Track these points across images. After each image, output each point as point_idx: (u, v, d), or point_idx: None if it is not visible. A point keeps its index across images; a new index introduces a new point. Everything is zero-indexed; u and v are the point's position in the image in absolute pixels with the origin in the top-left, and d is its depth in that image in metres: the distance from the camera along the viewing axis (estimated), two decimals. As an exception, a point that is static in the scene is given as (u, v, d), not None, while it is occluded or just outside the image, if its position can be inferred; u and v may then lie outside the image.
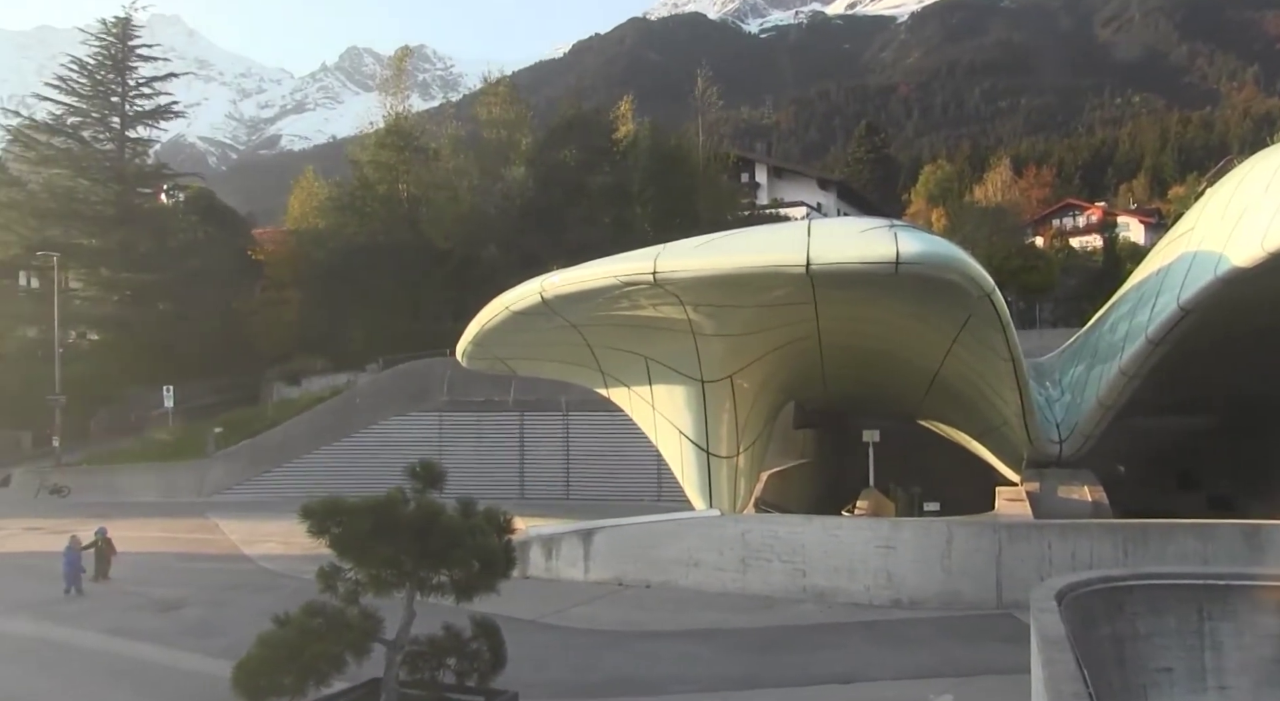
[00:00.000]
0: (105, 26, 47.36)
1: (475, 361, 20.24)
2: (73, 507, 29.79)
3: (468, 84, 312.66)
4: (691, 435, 18.26)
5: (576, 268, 16.32)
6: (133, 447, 37.92)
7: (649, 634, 13.99)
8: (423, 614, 8.33)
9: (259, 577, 19.10)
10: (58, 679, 12.32)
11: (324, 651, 7.77)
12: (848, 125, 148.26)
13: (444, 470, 8.48)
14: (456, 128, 54.42)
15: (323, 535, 8.08)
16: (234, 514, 28.05)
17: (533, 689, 9.74)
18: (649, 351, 18.06)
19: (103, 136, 47.16)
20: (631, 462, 28.60)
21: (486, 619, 8.61)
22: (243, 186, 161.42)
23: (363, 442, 32.55)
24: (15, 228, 43.30)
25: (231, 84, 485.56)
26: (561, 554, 17.68)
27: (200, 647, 13.33)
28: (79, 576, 17.69)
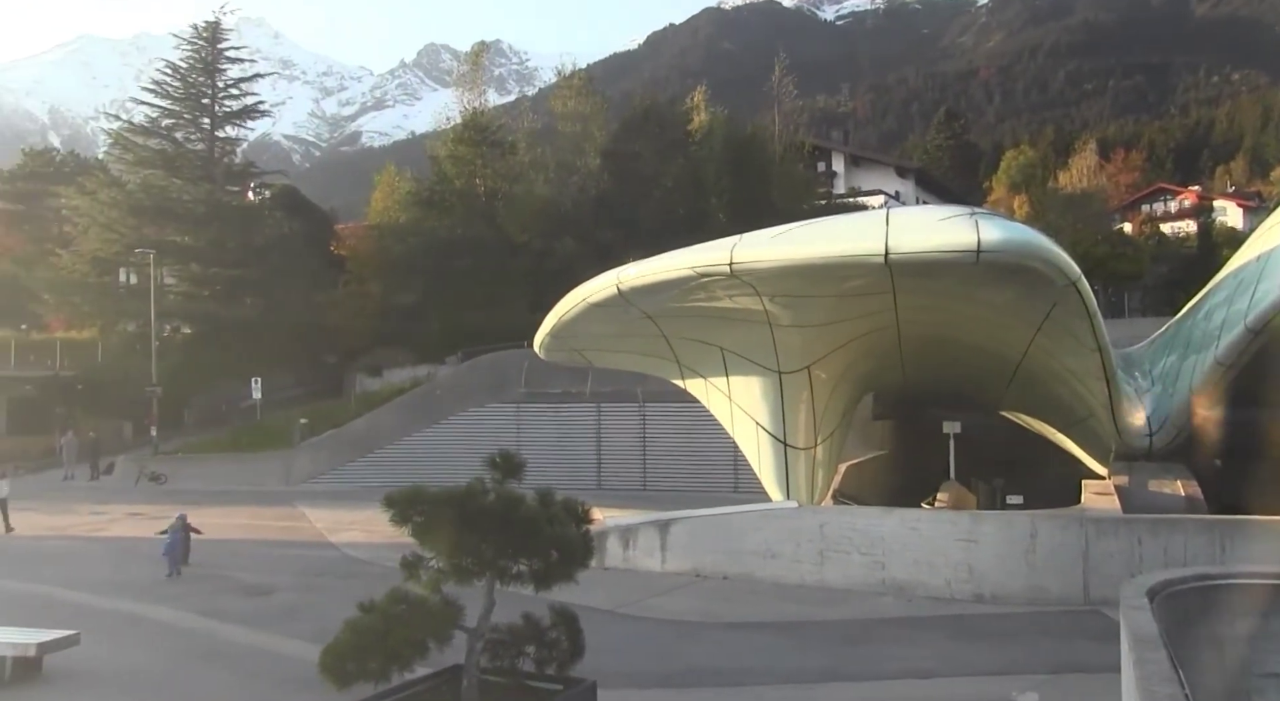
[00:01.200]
0: (196, 31, 48.81)
1: (552, 353, 20.42)
2: (170, 494, 30.90)
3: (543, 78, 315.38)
4: (768, 426, 18.16)
5: (652, 259, 16.34)
6: (223, 437, 39.18)
7: (727, 625, 13.98)
8: (502, 603, 8.43)
9: (344, 565, 19.59)
10: (159, 656, 12.83)
11: (408, 637, 7.92)
12: (926, 112, 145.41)
13: (523, 461, 8.57)
14: (532, 121, 54.96)
15: (405, 524, 8.22)
16: (319, 502, 28.79)
17: (611, 678, 9.80)
18: (725, 342, 18.00)
19: (194, 137, 48.67)
20: (708, 454, 28.55)
21: (565, 608, 8.67)
22: (325, 183, 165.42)
23: (442, 433, 33.08)
24: (116, 227, 44.99)
25: (314, 83, 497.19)
26: (638, 544, 17.75)
27: (289, 631, 13.73)
28: (179, 559, 18.38)
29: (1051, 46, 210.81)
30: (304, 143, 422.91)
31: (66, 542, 23.14)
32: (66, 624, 12.68)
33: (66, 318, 46.97)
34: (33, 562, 20.43)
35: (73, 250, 46.72)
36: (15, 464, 37.46)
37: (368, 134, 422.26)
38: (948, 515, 17.68)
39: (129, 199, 46.06)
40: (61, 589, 17.34)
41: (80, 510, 27.85)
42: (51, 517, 24.38)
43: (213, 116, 48.56)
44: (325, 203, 60.58)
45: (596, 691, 8.82)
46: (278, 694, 10.99)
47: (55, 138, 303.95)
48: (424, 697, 8.33)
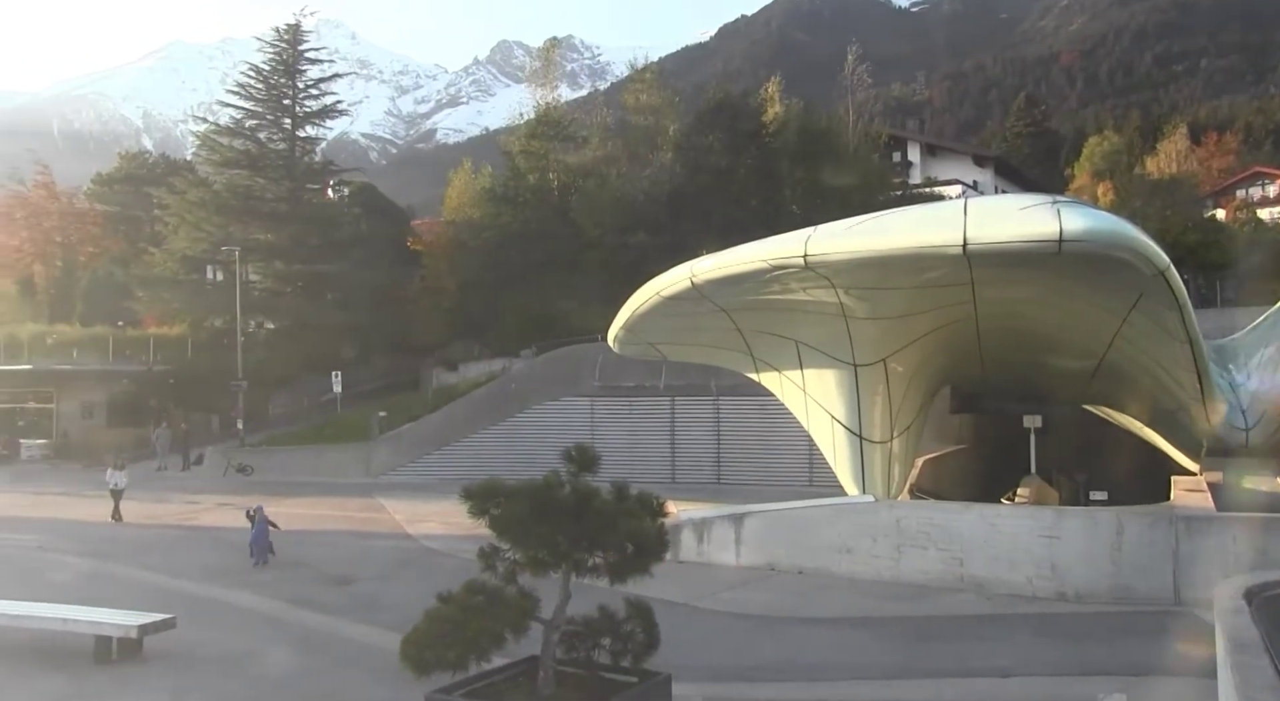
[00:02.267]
0: (278, 34, 50.05)
1: (626, 347, 20.49)
2: (256, 485, 31.83)
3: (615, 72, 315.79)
4: (844, 420, 17.98)
5: (726, 252, 16.28)
6: (306, 430, 40.21)
7: (802, 620, 13.90)
8: (578, 595, 8.51)
9: (422, 556, 19.97)
10: (248, 641, 13.25)
11: (485, 628, 8.06)
12: (1005, 98, 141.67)
13: (598, 454, 8.63)
14: (605, 116, 55.11)
15: (482, 516, 8.36)
16: (397, 494, 29.35)
17: (686, 671, 9.82)
18: (800, 335, 17.86)
19: (276, 137, 49.94)
20: (783, 447, 28.37)
21: (640, 601, 8.72)
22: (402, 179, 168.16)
23: (517, 427, 33.46)
24: (204, 225, 46.45)
25: (390, 82, 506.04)
26: (713, 538, 17.74)
27: (371, 620, 14.05)
28: (265, 549, 18.95)
29: (1139, 27, 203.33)
30: (381, 141, 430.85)
31: (162, 531, 24.00)
32: (164, 608, 13.17)
33: (159, 314, 48.63)
34: (133, 549, 21.28)
35: (164, 248, 48.36)
36: (114, 454, 39.05)
37: (442, 131, 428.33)
38: (1029, 510, 17.32)
39: (215, 198, 47.51)
40: (159, 575, 18.03)
41: (174, 499, 28.86)
42: (148, 506, 25.34)
43: (294, 116, 49.74)
44: (402, 199, 61.65)
45: (671, 684, 8.85)
46: (360, 680, 11.25)
47: (148, 141, 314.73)
48: (501, 687, 8.46)
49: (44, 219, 56.18)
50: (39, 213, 56.35)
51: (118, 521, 24.80)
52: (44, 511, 27.99)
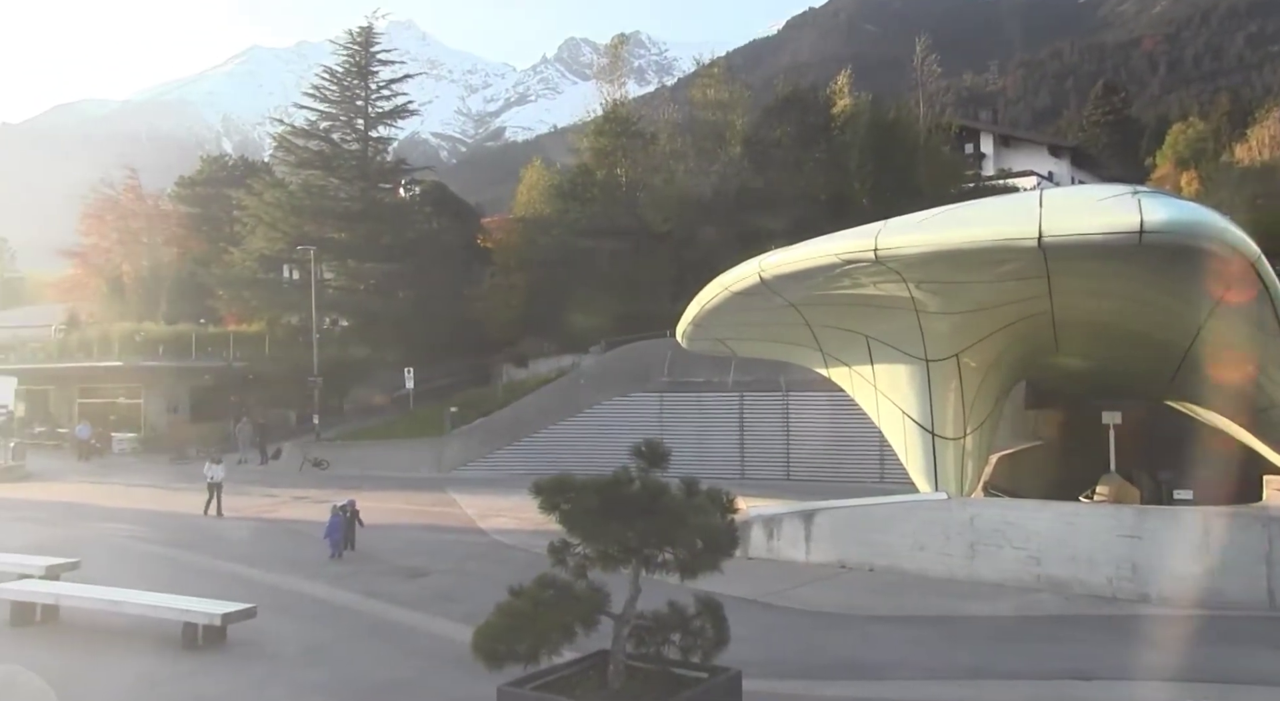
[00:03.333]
0: (351, 37, 51.05)
1: (695, 342, 20.47)
2: (332, 479, 32.56)
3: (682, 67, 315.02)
4: (915, 416, 17.72)
5: (795, 246, 16.16)
6: (379, 425, 40.98)
7: (873, 618, 13.75)
8: (647, 590, 8.53)
9: (493, 550, 20.22)
10: (326, 631, 13.58)
11: (555, 622, 8.12)
12: (1082, 86, 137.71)
13: (667, 449, 8.63)
14: (672, 111, 55.06)
15: (552, 511, 8.42)
16: (469, 489, 29.75)
17: (756, 667, 9.78)
18: (870, 330, 17.65)
19: (349, 138, 50.95)
20: (853, 443, 28.09)
21: (710, 597, 8.70)
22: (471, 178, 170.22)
23: (586, 422, 33.66)
24: (280, 225, 47.61)
25: (460, 81, 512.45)
26: (783, 534, 17.64)
27: (444, 612, 14.28)
28: (340, 542, 19.37)
29: (1228, 8, 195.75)
30: (451, 140, 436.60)
31: (242, 523, 24.68)
32: (245, 597, 13.56)
33: (238, 312, 50.01)
34: (215, 540, 21.95)
35: (242, 248, 49.67)
36: (197, 448, 40.30)
37: (511, 129, 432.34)
38: (1109, 509, 16.87)
39: (291, 198, 48.65)
40: (239, 565, 18.55)
41: (253, 492, 29.64)
42: (229, 499, 26.02)
43: (366, 117, 50.68)
44: (471, 197, 62.39)
45: (741, 680, 8.83)
46: (434, 671, 11.44)
47: (228, 144, 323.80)
48: (571, 681, 8.51)
49: (132, 221, 58.10)
50: (127, 215, 58.30)
51: (217, 516, 25.04)
52: (133, 502, 29.00)
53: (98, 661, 12.16)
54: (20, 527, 24.06)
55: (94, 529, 23.88)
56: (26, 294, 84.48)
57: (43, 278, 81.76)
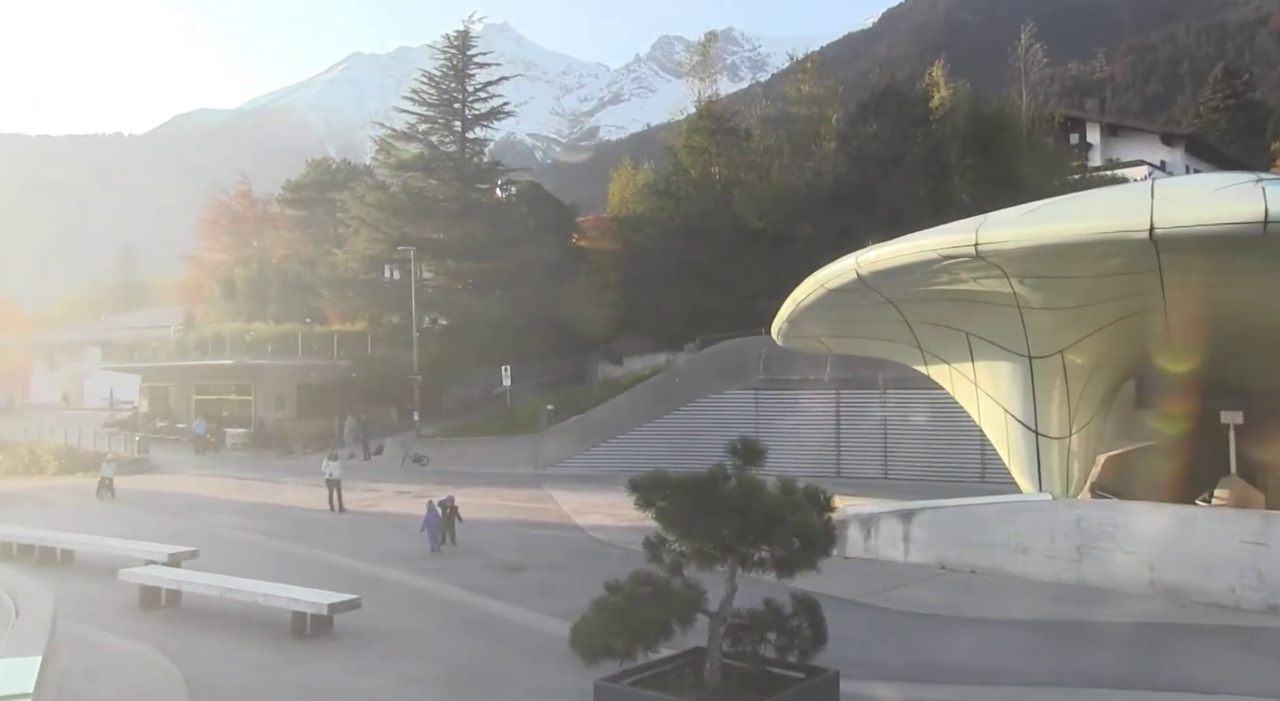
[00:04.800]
0: (448, 41, 52.09)
1: (790, 340, 20.29)
2: (431, 475, 33.32)
3: (775, 63, 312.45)
4: (1018, 414, 17.23)
5: (893, 242, 15.89)
6: (477, 422, 41.74)
7: (974, 620, 13.44)
8: (744, 588, 8.51)
9: (589, 546, 20.42)
10: (427, 622, 13.93)
11: (652, 618, 8.16)
12: (1199, 71, 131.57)
13: (764, 447, 8.59)
14: (766, 108, 54.68)
15: (648, 508, 8.46)
16: (565, 485, 30.08)
17: (854, 668, 9.67)
18: (970, 326, 17.24)
19: (447, 140, 51.97)
20: (953, 442, 27.47)
21: (807, 596, 8.63)
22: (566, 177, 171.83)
23: (681, 419, 33.68)
24: (382, 227, 48.89)
25: (554, 82, 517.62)
26: (881, 534, 17.38)
27: (541, 607, 14.49)
28: (438, 536, 19.86)
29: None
30: (545, 140, 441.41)
31: (346, 517, 25.46)
32: (350, 589, 14.01)
33: (341, 312, 51.52)
34: (321, 533, 22.72)
35: (346, 249, 51.15)
36: (303, 444, 41.72)
37: (605, 128, 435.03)
38: (1230, 514, 16.13)
39: (392, 200, 49.89)
40: (345, 558, 19.16)
41: (357, 487, 30.52)
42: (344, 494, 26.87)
43: (463, 119, 51.62)
44: (566, 196, 62.86)
45: (839, 681, 8.73)
46: (531, 664, 11.61)
47: (331, 148, 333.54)
48: (668, 677, 8.54)
49: (242, 225, 60.43)
50: (238, 219, 60.68)
51: (338, 511, 25.77)
52: (245, 495, 30.21)
53: (215, 645, 12.71)
54: (145, 517, 25.33)
55: (210, 519, 24.96)
56: (149, 296, 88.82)
57: (164, 280, 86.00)
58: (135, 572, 15.12)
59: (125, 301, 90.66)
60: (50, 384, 70.17)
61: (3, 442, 43.83)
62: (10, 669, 5.64)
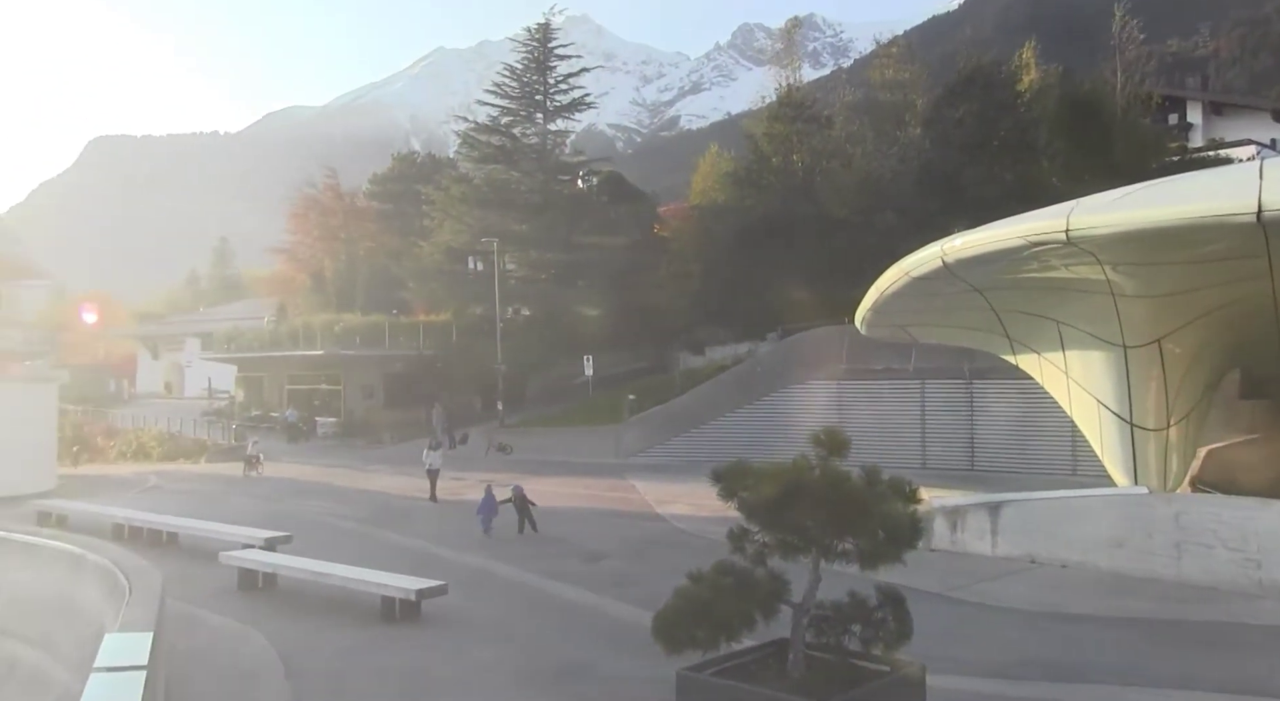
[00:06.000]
0: (529, 34, 52.55)
1: (874, 329, 20.05)
2: (515, 464, 33.75)
3: (857, 49, 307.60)
4: (1112, 405, 16.73)
5: (980, 229, 15.56)
6: (559, 411, 42.16)
7: (1066, 616, 13.11)
8: (828, 580, 8.45)
9: (671, 535, 20.47)
10: (510, 609, 14.17)
11: (735, 609, 8.16)
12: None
13: (848, 438, 8.50)
14: (849, 94, 53.93)
15: (731, 498, 8.45)
16: (646, 475, 30.19)
17: (940, 663, 9.53)
18: (1061, 315, 16.79)
19: (529, 132, 52.49)
20: (1042, 433, 26.75)
21: (892, 588, 8.53)
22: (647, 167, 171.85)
23: (763, 410, 33.48)
24: (465, 219, 49.64)
25: (634, 72, 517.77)
26: (968, 526, 17.06)
27: (622, 595, 14.60)
28: (491, 519, 20.57)
29: None
30: (626, 130, 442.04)
31: (435, 504, 25.99)
32: (436, 575, 14.31)
33: (427, 303, 52.50)
34: (407, 520, 23.26)
35: (430, 242, 52.06)
36: (390, 433, 42.68)
37: (686, 117, 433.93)
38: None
39: (475, 192, 50.61)
40: (432, 544, 19.59)
41: (443, 475, 31.05)
42: (421, 481, 27.45)
43: (545, 111, 52.04)
44: (647, 187, 62.92)
45: (925, 675, 8.61)
46: (613, 652, 11.71)
47: (416, 142, 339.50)
48: (750, 668, 8.52)
49: (331, 218, 61.94)
50: (327, 213, 62.20)
51: (432, 501, 26.27)
52: (335, 482, 31.08)
53: (308, 627, 13.13)
54: (242, 502, 26.25)
55: (303, 505, 25.74)
56: (244, 289, 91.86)
57: (257, 273, 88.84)
58: (234, 556, 15.72)
59: (222, 294, 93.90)
60: (154, 374, 73.07)
61: (113, 430, 45.85)
62: (126, 642, 5.94)
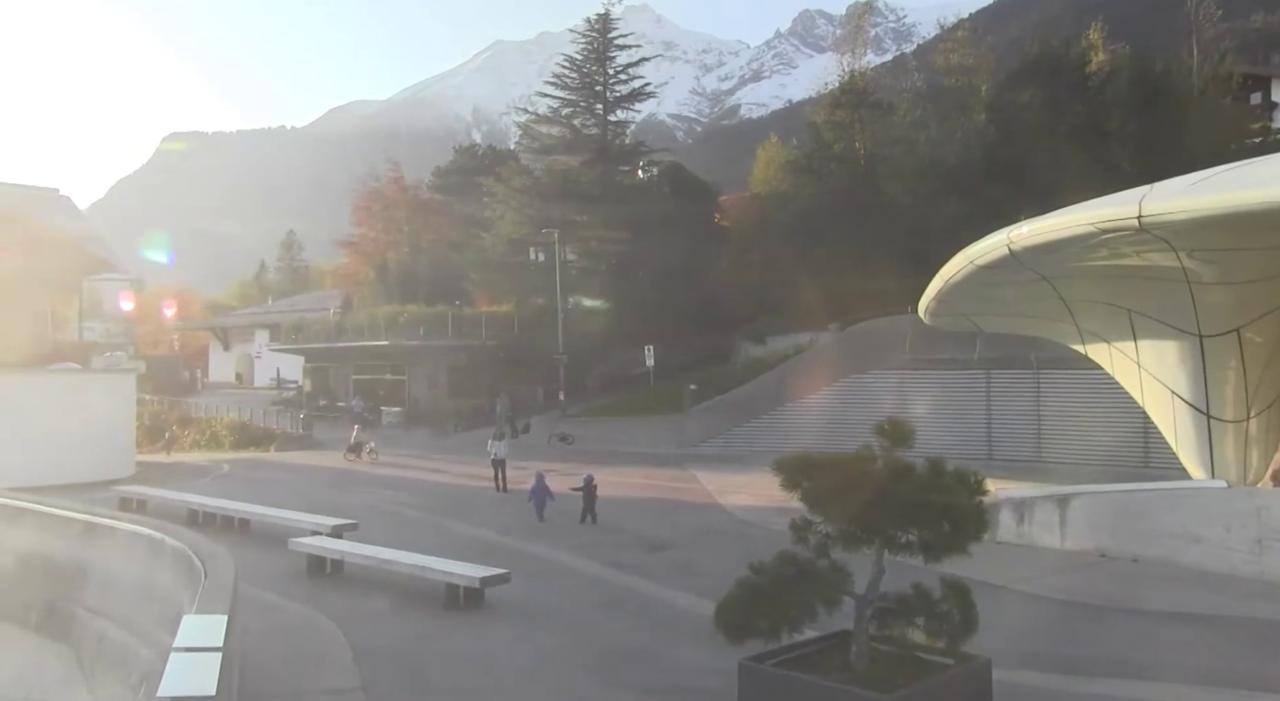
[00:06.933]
0: (589, 24, 52.67)
1: (938, 318, 19.77)
2: (576, 453, 33.97)
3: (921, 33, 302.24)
4: (1187, 396, 16.29)
5: (1047, 216, 15.24)
6: (620, 401, 42.30)
7: (1138, 612, 12.80)
8: (891, 571, 8.38)
9: (732, 525, 20.46)
10: (572, 598, 14.26)
11: (797, 600, 8.14)
12: None
13: (912, 428, 8.41)
14: (912, 80, 53.11)
15: (794, 489, 8.41)
16: (708, 465, 30.18)
17: (1006, 657, 9.39)
18: (1132, 303, 16.37)
19: (589, 123, 52.64)
20: (1112, 424, 26.14)
21: (957, 580, 8.42)
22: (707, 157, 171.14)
23: (825, 400, 33.23)
24: (526, 210, 50.02)
25: (694, 61, 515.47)
26: (1035, 519, 16.77)
27: (684, 585, 14.63)
28: (544, 505, 21.01)
29: None
30: (686, 120, 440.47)
31: (496, 494, 26.28)
32: (500, 563, 14.48)
33: (488, 293, 53.01)
34: (470, 508, 23.59)
35: (492, 233, 52.51)
36: (454, 423, 43.22)
37: (746, 106, 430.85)
38: None
39: (536, 184, 50.93)
40: (494, 533, 19.82)
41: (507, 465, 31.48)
42: (485, 470, 27.76)
43: (605, 102, 52.12)
44: (707, 176, 62.71)
45: (991, 669, 8.51)
46: (675, 642, 11.74)
47: (477, 135, 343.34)
48: (813, 659, 8.50)
49: (395, 211, 62.81)
50: (391, 206, 63.09)
51: (502, 491, 26.29)
52: (400, 471, 31.57)
53: (375, 612, 13.39)
54: (310, 490, 26.83)
55: (369, 494, 26.20)
56: (310, 281, 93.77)
57: (323, 266, 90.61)
58: (303, 542, 16.09)
59: (290, 286, 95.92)
60: (225, 365, 74.96)
61: (187, 419, 47.15)
62: (202, 624, 6.13)
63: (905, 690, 7.79)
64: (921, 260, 29.67)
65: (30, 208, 32.94)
